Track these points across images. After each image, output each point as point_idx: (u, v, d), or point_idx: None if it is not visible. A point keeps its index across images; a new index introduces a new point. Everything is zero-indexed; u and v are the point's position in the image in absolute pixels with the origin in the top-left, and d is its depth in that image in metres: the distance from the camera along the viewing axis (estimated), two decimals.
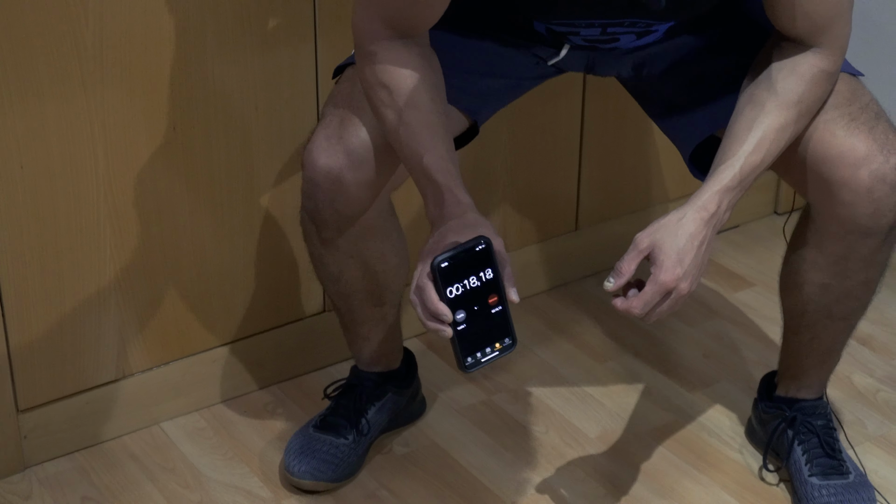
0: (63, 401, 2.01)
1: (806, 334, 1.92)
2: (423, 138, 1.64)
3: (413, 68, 1.66)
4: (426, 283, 1.52)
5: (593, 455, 2.06)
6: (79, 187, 1.91)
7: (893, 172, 1.70)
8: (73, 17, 1.81)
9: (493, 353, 1.55)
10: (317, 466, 1.96)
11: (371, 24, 1.67)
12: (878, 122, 1.73)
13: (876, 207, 1.71)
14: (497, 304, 1.55)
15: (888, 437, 2.10)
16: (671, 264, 1.59)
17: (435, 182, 1.63)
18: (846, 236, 1.76)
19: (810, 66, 1.68)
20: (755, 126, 1.66)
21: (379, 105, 1.67)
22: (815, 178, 1.74)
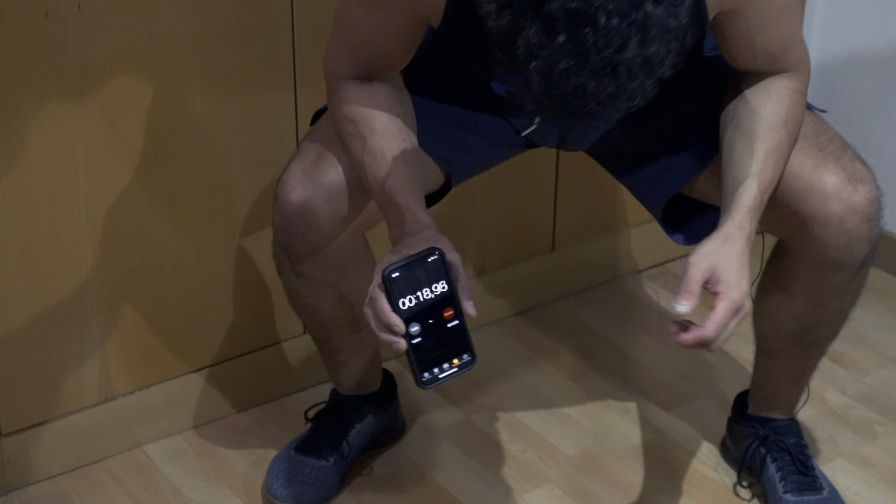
0: (46, 425, 2.01)
1: (778, 358, 1.94)
2: (386, 163, 1.65)
3: (379, 101, 1.68)
4: (378, 293, 1.50)
5: (571, 473, 2.06)
6: (60, 212, 1.91)
7: (864, 203, 1.71)
8: (55, 44, 1.81)
9: (452, 369, 1.52)
10: (298, 489, 1.96)
11: (341, 64, 1.70)
12: (844, 154, 1.74)
13: (848, 239, 1.72)
14: (453, 318, 1.52)
15: (860, 454, 2.10)
16: (736, 282, 1.56)
17: (396, 203, 1.63)
18: (819, 267, 1.76)
19: (783, 88, 1.69)
20: (755, 150, 1.65)
21: (346, 137, 1.69)
22: (786, 211, 1.74)
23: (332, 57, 1.71)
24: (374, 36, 1.66)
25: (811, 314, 1.84)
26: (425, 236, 1.57)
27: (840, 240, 1.71)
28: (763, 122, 1.67)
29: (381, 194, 1.65)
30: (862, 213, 1.71)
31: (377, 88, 1.70)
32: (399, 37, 1.67)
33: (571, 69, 1.29)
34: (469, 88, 1.83)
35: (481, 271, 2.41)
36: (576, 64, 1.28)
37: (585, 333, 2.42)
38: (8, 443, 1.97)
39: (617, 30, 1.28)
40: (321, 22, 1.99)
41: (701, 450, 2.12)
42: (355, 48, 1.68)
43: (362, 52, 1.68)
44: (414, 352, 1.51)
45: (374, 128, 1.67)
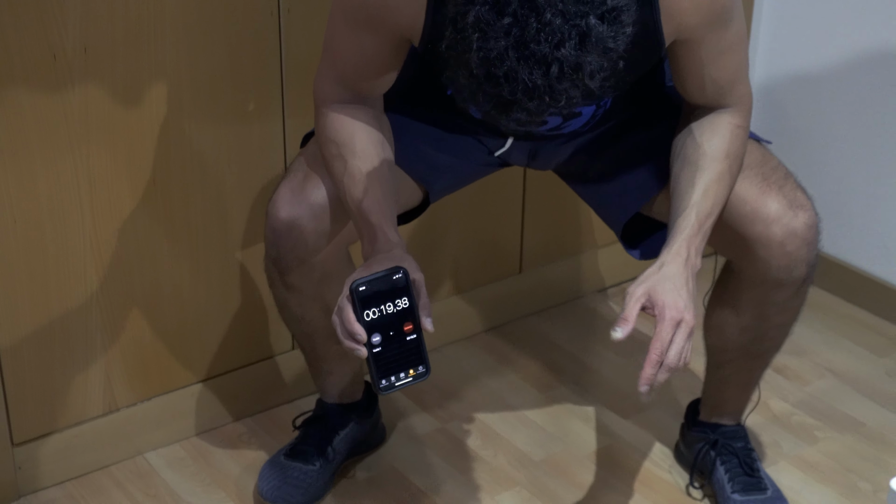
0: (54, 434, 2.00)
1: (726, 369, 1.94)
2: (364, 184, 1.65)
3: (361, 126, 1.69)
4: (345, 304, 1.52)
5: (538, 476, 2.06)
6: (67, 238, 1.90)
7: (803, 228, 1.71)
8: (62, 84, 1.81)
9: (407, 378, 1.53)
10: (288, 491, 1.95)
11: (328, 88, 1.70)
12: (786, 182, 1.74)
13: (789, 261, 1.72)
14: (412, 332, 1.53)
15: (802, 457, 2.11)
16: (672, 300, 1.56)
17: (369, 223, 1.64)
18: (762, 286, 1.77)
19: (727, 123, 1.69)
20: (696, 181, 1.66)
21: (329, 158, 1.69)
22: (733, 234, 1.74)
23: (320, 81, 1.71)
24: (358, 58, 1.67)
25: (756, 329, 1.84)
26: (394, 255, 1.59)
27: (781, 261, 1.72)
28: (706, 155, 1.67)
29: (356, 213, 1.66)
30: (801, 237, 1.71)
31: (360, 112, 1.70)
32: (382, 58, 1.67)
33: (509, 51, 1.30)
34: (447, 110, 1.83)
35: (454, 290, 2.41)
36: (514, 47, 1.31)
37: (550, 348, 2.42)
38: (19, 451, 1.97)
39: (558, 28, 1.30)
40: (307, 58, 2.02)
41: (656, 453, 2.12)
42: (341, 71, 1.69)
43: (348, 74, 1.69)
44: (374, 359, 1.52)
45: (354, 151, 1.67)
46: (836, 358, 2.39)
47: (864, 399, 2.27)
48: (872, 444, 2.15)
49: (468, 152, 1.88)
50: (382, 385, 1.53)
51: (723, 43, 1.63)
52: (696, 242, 1.63)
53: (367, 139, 1.68)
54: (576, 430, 2.19)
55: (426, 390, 2.21)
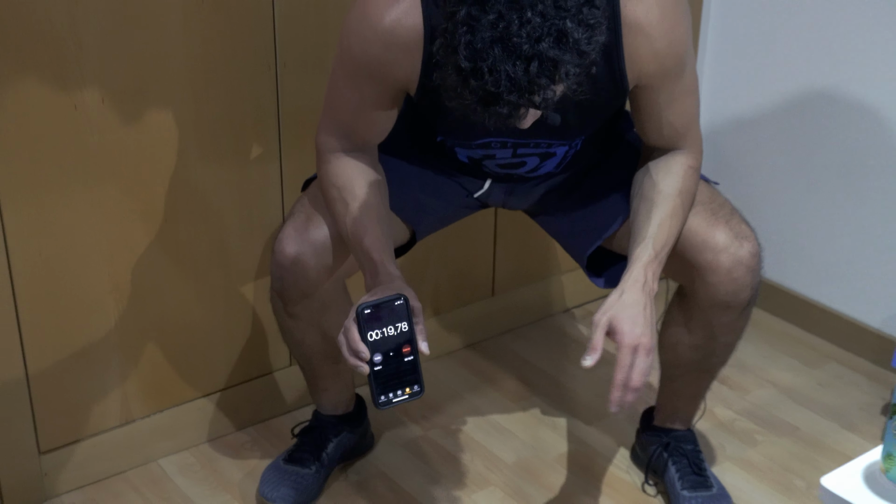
0: (76, 444, 2.00)
1: (678, 382, 1.95)
2: (364, 224, 1.65)
3: (359, 173, 1.68)
4: (351, 325, 1.51)
5: (511, 478, 2.07)
6: (86, 270, 1.91)
7: (748, 256, 1.72)
8: (80, 130, 1.82)
9: (403, 395, 1.53)
10: (286, 492, 1.95)
11: (330, 139, 1.70)
12: (732, 216, 1.75)
13: (735, 286, 1.73)
14: (410, 353, 1.52)
15: (744, 458, 2.12)
16: (629, 327, 1.56)
17: (371, 259, 1.63)
18: (711, 308, 1.77)
19: (680, 164, 1.71)
20: (652, 216, 1.66)
21: (332, 201, 1.69)
22: (685, 262, 1.74)
23: (322, 132, 1.71)
24: (359, 111, 1.67)
25: (705, 346, 1.85)
26: (394, 286, 1.58)
27: (728, 286, 1.73)
28: (661, 193, 1.68)
29: (359, 251, 1.66)
30: (746, 264, 1.72)
31: (359, 161, 1.70)
32: (380, 109, 1.67)
33: (494, 46, 1.30)
34: (435, 155, 1.83)
35: (435, 312, 2.40)
36: (498, 41, 1.30)
37: (521, 363, 2.43)
38: (45, 459, 1.97)
39: (538, 26, 1.30)
40: (302, 108, 2.02)
41: (615, 456, 2.13)
42: (342, 124, 1.68)
43: (348, 127, 1.68)
44: (374, 377, 1.51)
45: (355, 194, 1.67)
46: (774, 370, 2.40)
47: (799, 407, 2.28)
48: (806, 446, 2.16)
49: (451, 195, 1.88)
50: (381, 401, 1.52)
51: (678, 89, 1.65)
52: (653, 268, 1.63)
53: (366, 184, 1.68)
54: (544, 436, 2.19)
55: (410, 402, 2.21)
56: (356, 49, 1.60)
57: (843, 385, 2.35)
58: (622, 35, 1.57)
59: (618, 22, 1.56)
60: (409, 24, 1.55)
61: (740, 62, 2.51)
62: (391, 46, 1.57)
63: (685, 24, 1.61)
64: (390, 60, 1.59)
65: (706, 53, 2.56)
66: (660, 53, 1.59)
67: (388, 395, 1.52)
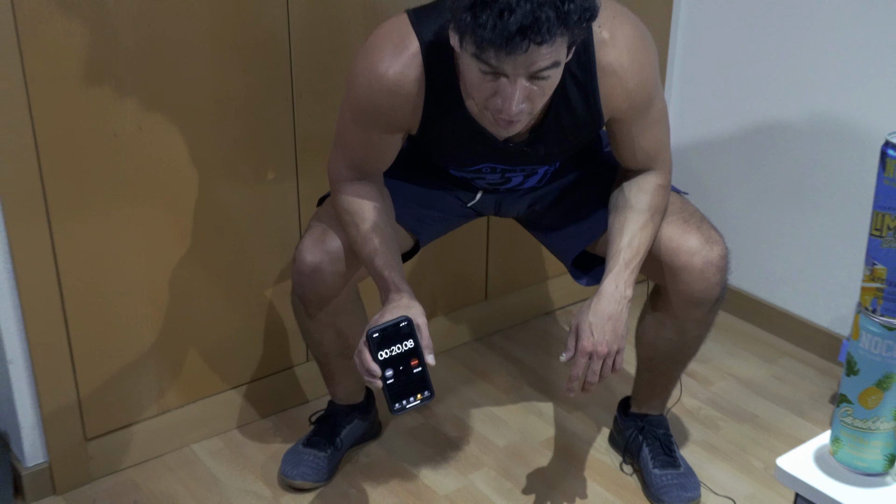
0: (118, 431, 2.00)
1: (653, 372, 1.95)
2: (375, 246, 1.66)
3: (368, 199, 1.69)
4: (363, 348, 1.52)
5: (502, 460, 2.07)
6: (125, 278, 1.91)
7: (718, 258, 1.73)
8: (120, 158, 1.83)
9: (415, 401, 1.52)
10: (304, 471, 1.96)
11: (340, 169, 1.70)
12: (702, 223, 1.76)
13: (707, 284, 1.73)
14: (417, 366, 1.53)
15: (708, 442, 2.12)
16: (586, 336, 1.59)
17: (382, 276, 1.64)
18: (685, 305, 1.77)
19: (651, 183, 1.72)
20: (625, 230, 1.67)
21: (345, 224, 1.70)
22: (661, 264, 1.75)
23: (333, 164, 1.71)
24: (366, 148, 1.67)
25: (679, 340, 1.85)
26: (403, 303, 1.58)
27: (700, 285, 1.74)
28: (633, 209, 1.69)
29: (372, 269, 1.67)
30: (716, 265, 1.73)
31: (367, 188, 1.70)
32: (385, 146, 1.68)
33: None
34: (431, 174, 1.83)
35: (434, 314, 2.39)
36: None
37: (511, 359, 2.42)
38: (91, 445, 1.98)
39: None
40: (316, 134, 2.01)
41: (595, 440, 2.13)
42: (351, 158, 1.69)
43: (357, 160, 1.69)
44: (388, 389, 1.52)
45: (365, 218, 1.68)
46: (734, 365, 2.40)
47: (757, 397, 2.28)
48: (763, 431, 2.16)
49: (448, 206, 1.88)
50: (395, 408, 1.52)
51: (648, 120, 1.67)
52: (625, 277, 1.64)
53: (374, 208, 1.68)
54: (531, 423, 2.19)
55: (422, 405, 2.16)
56: (363, 97, 1.60)
57: (795, 378, 2.35)
58: (597, 77, 1.58)
59: (593, 66, 1.57)
60: (412, 76, 1.56)
61: (703, 92, 2.52)
62: (396, 96, 1.58)
63: (652, 64, 1.63)
64: (395, 108, 1.59)
65: (673, 84, 2.57)
66: (630, 92, 1.60)
67: (402, 402, 1.52)
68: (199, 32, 1.83)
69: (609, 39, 1.57)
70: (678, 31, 2.52)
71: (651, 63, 1.62)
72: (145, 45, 1.79)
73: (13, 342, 1.84)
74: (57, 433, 1.93)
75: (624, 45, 1.58)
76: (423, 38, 1.56)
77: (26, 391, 1.88)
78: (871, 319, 0.98)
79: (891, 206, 0.94)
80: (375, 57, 1.57)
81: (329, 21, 1.97)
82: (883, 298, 0.97)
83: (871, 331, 0.98)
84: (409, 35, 1.57)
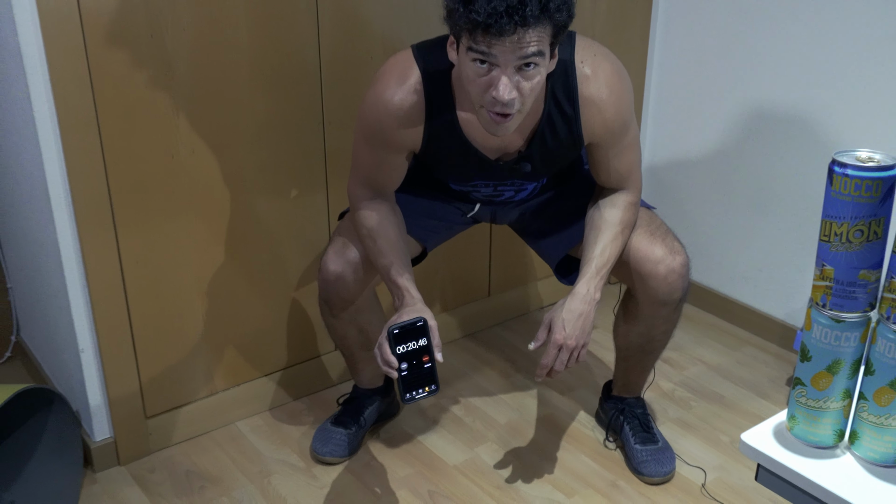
0: (173, 410, 2.01)
1: (630, 361, 1.95)
2: (389, 258, 1.66)
3: (382, 216, 1.69)
4: (384, 341, 1.52)
5: (502, 435, 2.07)
6: (179, 279, 1.92)
7: (679, 266, 1.72)
8: (176, 173, 1.83)
9: (423, 393, 1.52)
10: (333, 448, 1.96)
11: (357, 189, 1.70)
12: (667, 235, 1.75)
13: (670, 289, 1.74)
14: (428, 362, 1.52)
15: (681, 419, 2.12)
16: (558, 329, 1.59)
17: (397, 285, 1.64)
18: (652, 305, 1.77)
19: (622, 200, 1.70)
20: (598, 241, 1.67)
21: (363, 238, 1.70)
22: (631, 270, 1.75)
23: (351, 185, 1.72)
24: (378, 168, 1.67)
25: (648, 333, 1.86)
26: (416, 308, 1.59)
27: (664, 288, 1.74)
28: (606, 222, 1.69)
29: (387, 279, 1.66)
30: (678, 272, 1.73)
31: (381, 205, 1.69)
32: (394, 165, 1.67)
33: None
34: (435, 189, 1.83)
35: (443, 309, 2.40)
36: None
37: (510, 348, 2.42)
38: (150, 422, 1.98)
39: None
40: (343, 155, 2.01)
41: (582, 418, 2.13)
42: (366, 178, 1.68)
43: (370, 179, 1.69)
44: (402, 380, 1.52)
45: (379, 233, 1.68)
46: (703, 352, 2.39)
47: (723, 380, 2.27)
48: (729, 410, 2.15)
49: (450, 217, 1.88)
50: (406, 398, 1.51)
51: (622, 146, 1.66)
52: (595, 283, 1.64)
53: (388, 223, 1.68)
54: (528, 403, 2.19)
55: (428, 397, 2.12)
56: (373, 123, 1.60)
57: (756, 363, 2.35)
58: (580, 107, 1.58)
59: (576, 97, 1.57)
60: (414, 102, 1.56)
61: (674, 118, 2.51)
62: (400, 119, 1.57)
63: (628, 96, 1.62)
64: (400, 131, 1.59)
65: (649, 111, 2.56)
66: (608, 121, 1.60)
67: (412, 392, 1.52)
68: (242, 68, 1.84)
69: (591, 75, 1.57)
70: (653, 67, 2.52)
71: (626, 97, 1.61)
72: (197, 79, 1.79)
73: (84, 334, 1.84)
74: (121, 412, 1.94)
75: (603, 80, 1.57)
76: (423, 69, 1.56)
77: (95, 376, 1.89)
78: (822, 313, 0.99)
79: (837, 215, 0.95)
80: (382, 86, 1.57)
81: (354, 58, 1.97)
82: (831, 295, 0.98)
83: (821, 323, 0.99)
84: (412, 67, 1.56)
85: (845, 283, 0.97)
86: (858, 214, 0.94)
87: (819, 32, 2.12)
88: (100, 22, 1.65)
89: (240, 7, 1.79)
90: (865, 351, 0.99)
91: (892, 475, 0.97)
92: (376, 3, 1.95)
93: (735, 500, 1.88)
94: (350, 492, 1.89)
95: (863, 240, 0.95)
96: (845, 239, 0.95)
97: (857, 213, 0.94)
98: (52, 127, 1.67)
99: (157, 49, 1.73)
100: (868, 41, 2.04)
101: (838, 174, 0.93)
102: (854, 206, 0.93)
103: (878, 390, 0.98)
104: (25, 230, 1.95)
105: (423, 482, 1.92)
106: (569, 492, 1.90)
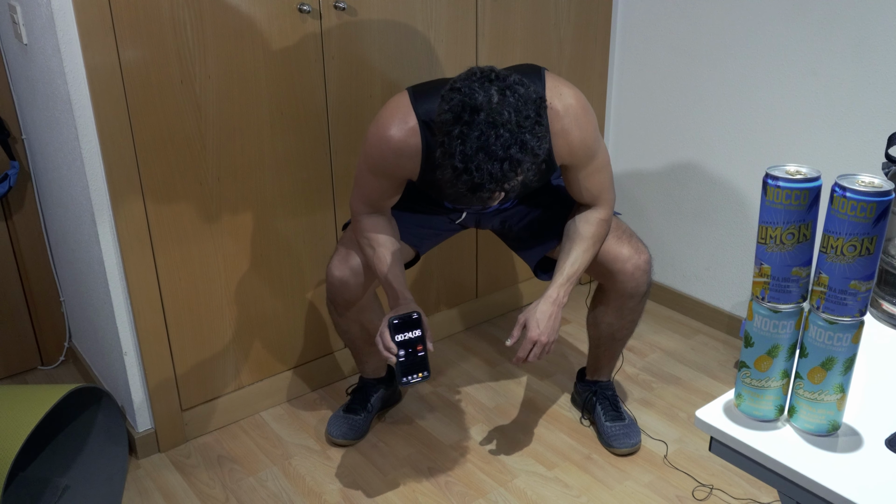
0: (205, 403, 2.00)
1: (601, 349, 1.94)
2: (386, 264, 1.65)
3: (380, 227, 1.68)
4: (385, 330, 1.53)
5: (491, 417, 2.07)
6: (210, 287, 1.91)
7: (644, 263, 1.73)
8: (206, 198, 1.82)
9: (417, 378, 1.52)
10: (345, 431, 1.96)
11: (358, 205, 1.69)
12: (632, 237, 1.75)
13: (636, 283, 1.74)
14: (421, 351, 1.53)
15: (645, 400, 2.12)
16: (534, 327, 1.60)
17: (393, 288, 1.63)
18: (620, 297, 1.77)
19: (595, 217, 1.69)
20: (572, 252, 1.66)
21: (363, 247, 1.70)
22: (603, 268, 1.75)
23: (353, 201, 1.71)
24: (378, 191, 1.65)
25: (616, 323, 1.85)
26: (410, 307, 1.59)
27: (631, 283, 1.74)
28: (579, 235, 1.68)
29: (384, 281, 1.66)
30: (642, 269, 1.73)
31: (379, 219, 1.69)
32: (392, 190, 1.66)
33: (479, 152, 1.30)
34: (428, 204, 1.81)
35: (437, 308, 2.38)
36: (482, 149, 1.30)
37: (496, 341, 2.41)
38: (186, 414, 1.98)
39: (508, 139, 1.31)
40: (347, 178, 2.00)
41: (560, 400, 2.12)
42: (367, 197, 1.67)
43: (371, 199, 1.68)
44: (400, 366, 1.53)
45: (378, 242, 1.67)
46: (661, 341, 2.38)
47: (679, 364, 2.27)
48: (685, 391, 2.15)
49: (439, 224, 1.85)
50: (403, 381, 1.51)
51: (590, 169, 1.63)
52: (565, 288, 1.64)
53: (385, 235, 1.68)
54: (511, 388, 2.19)
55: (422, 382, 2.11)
56: (376, 156, 1.59)
57: (707, 349, 2.35)
58: (551, 139, 1.57)
59: (547, 130, 1.56)
60: (412, 143, 1.55)
61: (632, 138, 2.49)
62: (400, 156, 1.56)
63: (592, 127, 1.60)
64: (399, 164, 1.58)
65: (610, 131, 2.54)
66: (575, 149, 1.59)
67: (409, 377, 1.52)
68: (261, 108, 1.84)
69: (561, 110, 1.56)
70: (612, 100, 2.51)
71: (591, 126, 1.59)
72: (222, 118, 1.79)
73: (127, 339, 1.84)
74: (160, 406, 1.93)
75: (571, 115, 1.56)
76: (420, 116, 1.54)
77: (137, 375, 1.88)
78: (761, 305, 0.99)
79: (771, 221, 0.95)
80: (384, 126, 1.56)
81: (354, 98, 1.97)
82: (769, 290, 0.98)
83: (761, 313, 0.99)
84: (410, 113, 1.55)
85: (781, 279, 0.97)
86: (790, 220, 0.94)
87: (751, 69, 2.13)
88: (137, 72, 1.65)
89: (259, 59, 1.79)
90: (800, 337, 1.00)
91: (826, 443, 0.98)
92: (373, 52, 1.96)
93: (693, 468, 1.88)
94: (360, 470, 1.89)
95: (794, 242, 0.95)
96: (779, 241, 0.95)
97: (788, 219, 0.94)
98: (97, 163, 1.67)
99: (187, 92, 1.72)
100: (790, 75, 2.06)
101: (771, 186, 0.94)
102: (786, 213, 0.94)
103: (811, 370, 0.98)
104: (75, 251, 1.95)
105: (423, 460, 1.92)
106: (549, 465, 1.90)
